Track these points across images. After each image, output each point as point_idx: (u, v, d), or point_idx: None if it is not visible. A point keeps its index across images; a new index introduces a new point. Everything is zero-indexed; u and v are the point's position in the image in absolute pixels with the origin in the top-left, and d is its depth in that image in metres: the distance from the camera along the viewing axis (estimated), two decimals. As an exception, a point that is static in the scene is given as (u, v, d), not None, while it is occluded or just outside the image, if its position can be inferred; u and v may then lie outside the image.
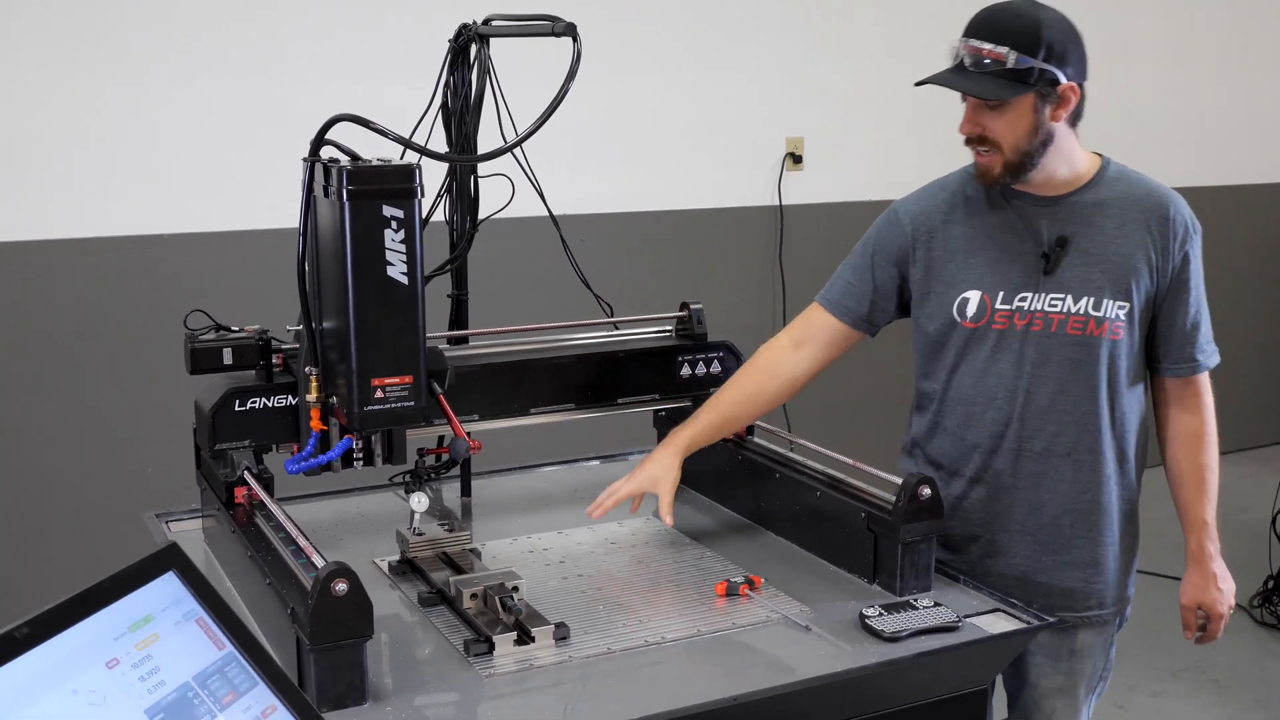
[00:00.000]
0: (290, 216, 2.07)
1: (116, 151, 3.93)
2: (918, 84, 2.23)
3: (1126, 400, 2.28)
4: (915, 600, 2.05)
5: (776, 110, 5.07)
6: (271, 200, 3.99)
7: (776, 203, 5.10)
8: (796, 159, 5.11)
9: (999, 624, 2.02)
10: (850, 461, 2.31)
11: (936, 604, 2.03)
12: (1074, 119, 2.23)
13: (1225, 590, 2.39)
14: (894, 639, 1.93)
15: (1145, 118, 5.96)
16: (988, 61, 2.12)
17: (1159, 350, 2.30)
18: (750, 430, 2.53)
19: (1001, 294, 2.25)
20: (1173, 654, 4.27)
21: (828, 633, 1.98)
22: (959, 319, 2.28)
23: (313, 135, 1.96)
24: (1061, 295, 2.23)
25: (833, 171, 5.11)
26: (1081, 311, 2.22)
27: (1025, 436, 2.26)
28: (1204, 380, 2.34)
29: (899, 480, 2.13)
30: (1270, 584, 4.61)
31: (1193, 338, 2.29)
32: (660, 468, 2.29)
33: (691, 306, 2.67)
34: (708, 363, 2.64)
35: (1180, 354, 2.30)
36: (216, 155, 4.06)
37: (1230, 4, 6.15)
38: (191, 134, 4.02)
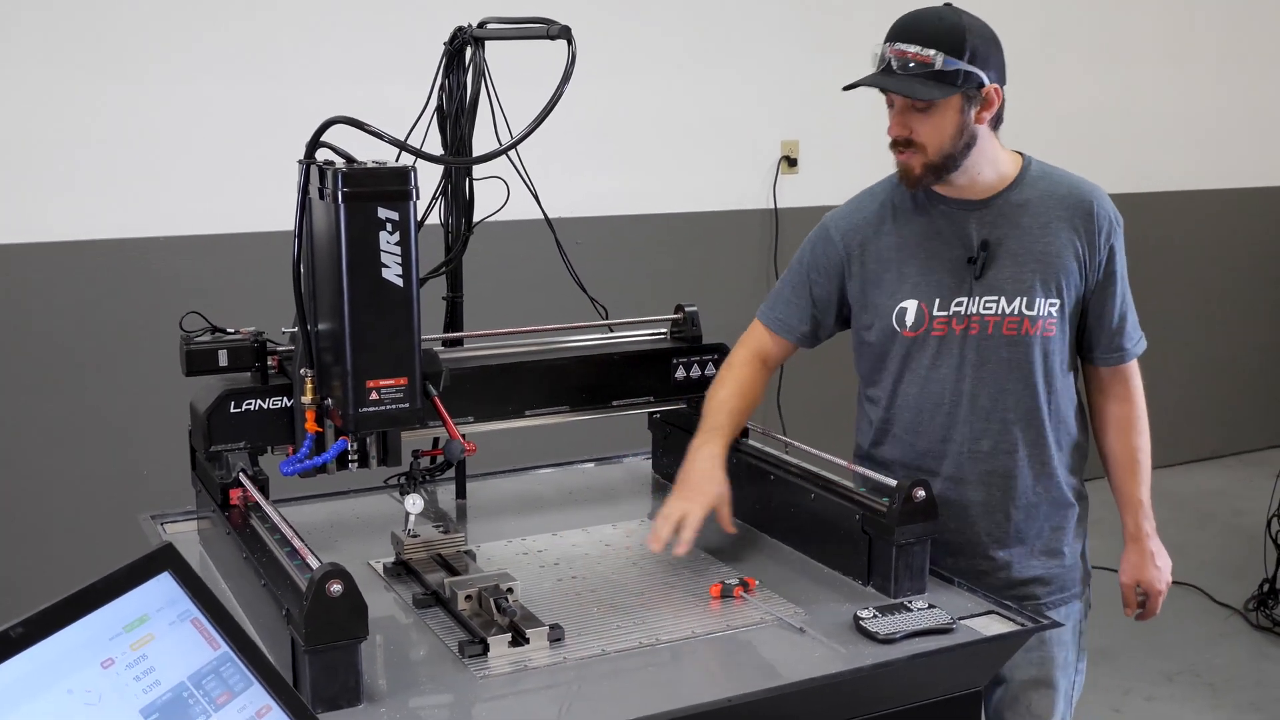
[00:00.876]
0: (286, 219, 2.08)
1: (113, 154, 3.94)
2: (846, 88, 2.28)
3: (1062, 392, 2.34)
4: (909, 602, 2.06)
5: (771, 113, 5.08)
6: (268, 203, 3.98)
7: (772, 205, 5.11)
8: (791, 162, 5.12)
9: (993, 626, 2.03)
10: (845, 464, 2.32)
11: (931, 606, 2.04)
12: (996, 122, 2.27)
13: (1162, 567, 2.47)
14: (888, 641, 1.93)
15: (1145, 119, 5.97)
16: (914, 65, 2.16)
17: (1089, 341, 2.37)
18: (745, 432, 2.54)
19: (938, 300, 2.29)
20: (1168, 658, 4.28)
21: (822, 634, 1.98)
22: (899, 329, 2.32)
23: (309, 138, 1.96)
24: (995, 297, 2.27)
25: (828, 174, 5.11)
26: (1015, 312, 2.26)
27: (973, 438, 2.31)
28: (1133, 367, 2.41)
29: (893, 483, 2.13)
30: (1265, 587, 4.62)
31: (1121, 327, 2.36)
32: (719, 483, 2.24)
33: (686, 309, 2.67)
34: (702, 365, 2.64)
35: (1110, 344, 2.36)
36: (213, 158, 4.07)
37: (1230, 5, 6.15)
38: (188, 136, 4.03)
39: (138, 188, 3.98)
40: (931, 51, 2.15)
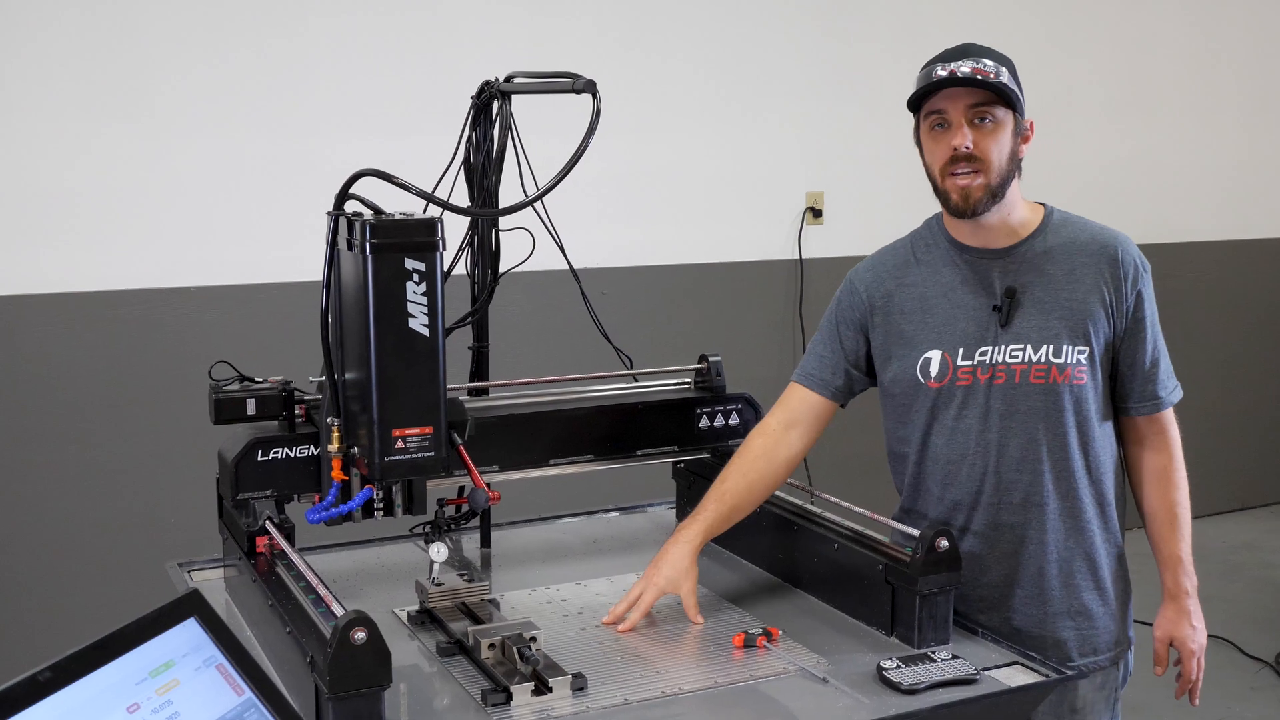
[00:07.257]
0: (314, 270, 2.11)
1: (142, 206, 4.00)
2: (920, 90, 2.19)
3: (1098, 444, 2.29)
4: (933, 653, 2.05)
5: (797, 164, 5.11)
6: (296, 254, 4.03)
7: (797, 256, 5.13)
8: (817, 213, 5.14)
9: (1017, 677, 2.02)
10: (868, 514, 2.31)
11: (954, 656, 2.03)
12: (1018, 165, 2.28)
13: (1197, 628, 2.40)
14: (911, 691, 1.93)
15: (1168, 170, 5.97)
16: (980, 78, 2.15)
17: (1122, 391, 2.32)
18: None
19: (961, 350, 2.27)
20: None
21: (845, 685, 1.97)
22: (923, 380, 2.29)
23: (337, 190, 2.00)
24: (1021, 346, 2.24)
25: (853, 226, 5.14)
26: (1043, 360, 2.24)
27: (1003, 489, 2.27)
28: (1169, 416, 2.35)
29: (917, 533, 2.13)
30: (1297, 640, 4.57)
31: (1154, 375, 2.31)
32: (677, 570, 2.25)
33: (710, 359, 2.68)
34: (726, 415, 2.65)
35: (1143, 393, 2.31)
36: (242, 210, 4.12)
37: (1252, 56, 6.16)
38: (218, 189, 4.09)
39: (164, 240, 4.04)
40: (998, 66, 2.17)
